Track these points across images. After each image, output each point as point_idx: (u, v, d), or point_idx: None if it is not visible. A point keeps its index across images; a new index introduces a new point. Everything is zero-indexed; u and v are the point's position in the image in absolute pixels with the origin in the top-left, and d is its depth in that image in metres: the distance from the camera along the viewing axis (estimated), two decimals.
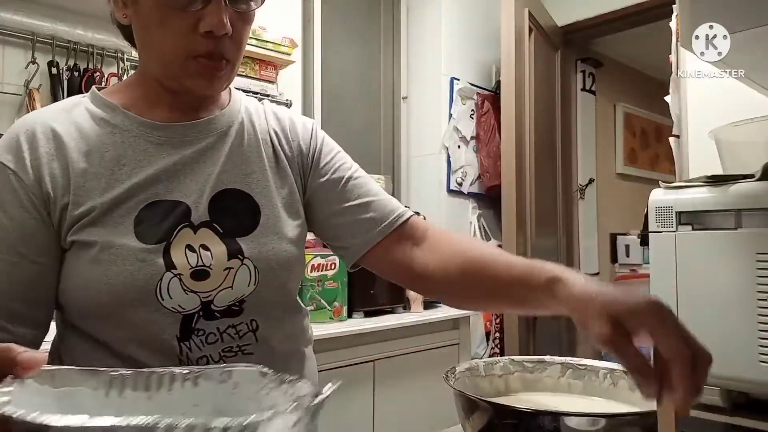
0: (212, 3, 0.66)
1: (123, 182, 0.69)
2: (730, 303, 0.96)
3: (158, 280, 0.67)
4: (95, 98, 0.75)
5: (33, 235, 0.67)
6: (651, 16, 2.80)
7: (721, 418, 0.96)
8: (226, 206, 0.73)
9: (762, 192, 0.95)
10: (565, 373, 0.74)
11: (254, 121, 0.81)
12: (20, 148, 0.68)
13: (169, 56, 0.69)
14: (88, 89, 1.86)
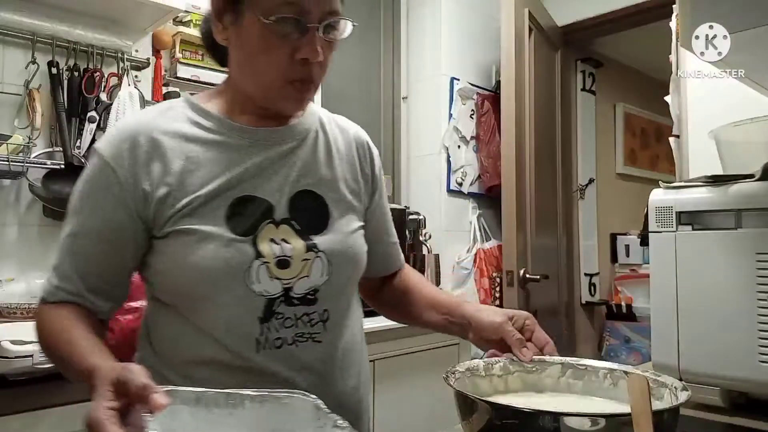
0: (308, 33, 0.75)
1: (216, 179, 0.78)
2: (730, 303, 0.96)
3: (248, 266, 0.76)
4: (190, 103, 0.84)
5: (121, 227, 0.77)
6: (651, 16, 2.80)
7: (721, 418, 0.96)
8: (302, 206, 0.82)
9: (762, 192, 0.95)
10: (565, 373, 0.74)
11: (327, 129, 0.91)
12: (121, 148, 0.77)
13: (269, 81, 0.78)
14: (89, 89, 1.89)
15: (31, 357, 1.24)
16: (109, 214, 0.77)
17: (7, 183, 1.70)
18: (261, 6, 0.74)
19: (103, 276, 0.79)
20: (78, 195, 0.79)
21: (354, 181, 0.91)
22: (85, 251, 0.78)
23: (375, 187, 0.96)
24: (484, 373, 0.76)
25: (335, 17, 0.77)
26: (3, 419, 1.25)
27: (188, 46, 2.07)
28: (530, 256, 2.56)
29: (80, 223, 0.78)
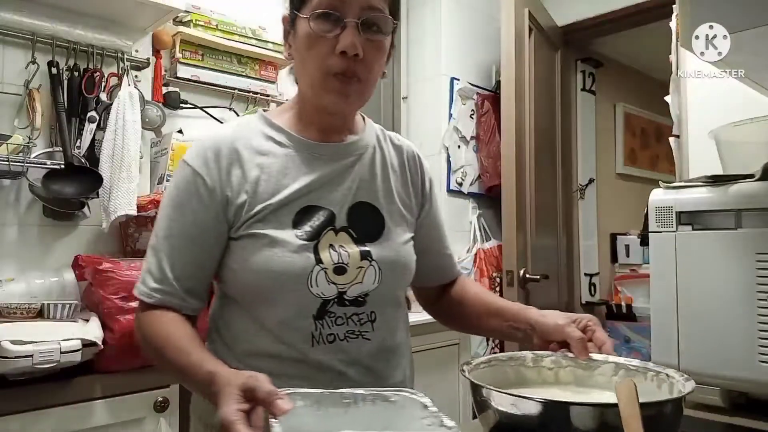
0: (347, 29, 0.81)
1: (286, 189, 0.86)
2: (730, 303, 0.96)
3: (310, 271, 0.84)
4: (263, 119, 0.93)
5: (208, 229, 0.85)
6: (651, 16, 2.80)
7: (721, 418, 0.96)
8: (359, 216, 0.90)
9: (762, 192, 0.95)
10: (617, 372, 0.75)
11: (383, 145, 0.99)
12: (207, 157, 0.85)
13: (314, 74, 0.85)
14: (89, 89, 1.88)
15: (31, 357, 1.24)
16: (200, 218, 0.84)
17: (7, 183, 1.70)
18: (306, 11, 0.83)
19: (196, 276, 0.86)
20: (170, 202, 0.86)
21: (406, 194, 0.98)
22: (180, 254, 0.85)
23: (425, 199, 1.03)
24: (532, 363, 0.79)
25: (373, 13, 0.83)
26: (3, 419, 1.25)
27: (188, 46, 2.07)
28: (530, 256, 2.56)
29: (174, 228, 0.85)
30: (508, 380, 0.79)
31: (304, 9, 0.84)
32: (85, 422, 1.37)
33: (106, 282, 1.49)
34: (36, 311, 1.47)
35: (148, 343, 0.84)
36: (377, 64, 0.86)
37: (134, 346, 1.47)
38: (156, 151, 1.96)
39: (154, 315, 0.84)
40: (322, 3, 0.82)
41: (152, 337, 0.83)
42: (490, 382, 0.72)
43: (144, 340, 0.85)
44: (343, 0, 0.81)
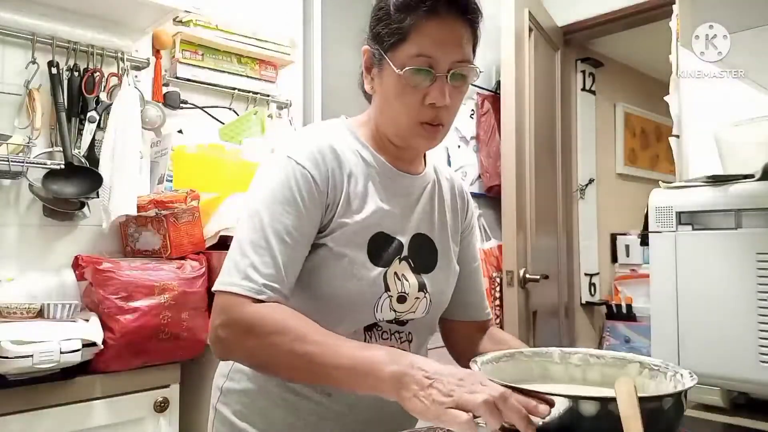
0: (437, 81, 0.84)
1: (367, 209, 0.88)
2: (730, 303, 0.96)
3: (378, 298, 0.87)
4: (350, 130, 0.94)
5: (316, 227, 0.85)
6: (651, 16, 2.80)
7: (721, 418, 0.96)
8: (418, 247, 0.93)
9: (762, 192, 0.95)
10: (641, 372, 0.74)
11: (440, 180, 1.02)
12: (317, 160, 0.85)
13: (403, 122, 0.87)
14: (89, 89, 1.88)
15: (31, 357, 1.24)
16: (313, 216, 0.84)
17: (7, 183, 1.70)
18: (397, 59, 0.84)
19: (297, 275, 0.84)
20: (278, 197, 0.83)
21: (455, 228, 1.02)
22: (293, 251, 0.82)
23: (464, 230, 1.06)
24: (560, 360, 0.80)
25: (462, 65, 0.85)
26: (3, 419, 1.26)
27: (188, 46, 2.07)
28: (530, 256, 2.56)
29: (287, 224, 0.82)
30: (532, 375, 0.79)
31: (396, 55, 0.85)
32: (85, 422, 1.38)
33: (106, 282, 1.49)
34: (36, 311, 1.47)
35: (276, 337, 0.75)
36: (457, 108, 0.90)
37: (134, 346, 1.48)
38: (156, 151, 1.96)
39: (274, 307, 0.77)
40: (417, 58, 0.83)
41: (284, 330, 0.74)
42: (510, 377, 0.73)
43: (264, 335, 0.75)
44: (438, 56, 0.83)
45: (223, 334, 0.77)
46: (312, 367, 0.73)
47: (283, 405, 0.88)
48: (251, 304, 0.77)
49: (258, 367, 0.82)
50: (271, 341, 0.75)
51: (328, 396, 0.88)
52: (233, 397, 0.92)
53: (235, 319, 0.77)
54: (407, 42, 0.84)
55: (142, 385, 1.47)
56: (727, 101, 1.63)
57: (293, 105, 2.36)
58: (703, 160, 1.77)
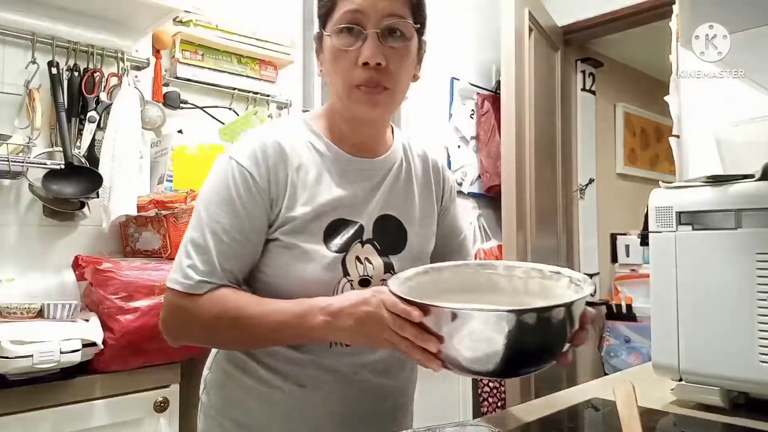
0: (368, 40, 0.82)
1: (320, 198, 0.87)
2: (730, 303, 0.96)
3: (337, 283, 0.86)
4: (305, 123, 0.93)
5: (258, 225, 0.86)
6: (651, 16, 2.80)
7: (721, 418, 0.96)
8: (384, 229, 0.92)
9: (762, 192, 0.95)
10: (570, 286, 0.77)
11: (409, 158, 1.00)
12: (257, 157, 0.85)
13: (340, 87, 0.86)
14: (89, 89, 1.88)
15: (31, 357, 1.24)
16: (254, 215, 0.85)
17: (7, 183, 1.70)
18: (330, 27, 0.85)
19: (243, 271, 0.87)
20: (216, 198, 0.85)
21: (429, 206, 1.01)
22: (232, 250, 0.84)
23: (443, 206, 1.05)
24: (504, 272, 0.82)
25: (393, 20, 0.83)
26: (3, 419, 1.26)
27: (188, 46, 2.07)
28: (530, 256, 2.56)
29: (225, 224, 0.84)
30: (479, 285, 0.82)
31: (329, 25, 0.86)
32: (85, 422, 1.38)
33: (106, 282, 1.49)
34: (36, 311, 1.47)
35: (217, 320, 0.82)
36: (403, 71, 0.86)
37: (134, 346, 1.48)
38: (156, 151, 1.96)
39: (211, 296, 0.83)
40: (342, 18, 0.83)
41: (222, 312, 0.82)
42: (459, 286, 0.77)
43: (206, 321, 0.83)
44: (363, 12, 0.82)
45: (167, 326, 0.86)
46: (256, 333, 0.82)
47: (257, 397, 0.89)
48: (188, 297, 0.83)
49: (210, 345, 0.91)
50: (212, 324, 0.83)
51: (302, 387, 0.88)
52: (213, 389, 0.95)
53: (175, 312, 0.85)
54: (336, 7, 0.84)
55: (142, 385, 1.47)
56: (727, 101, 1.63)
57: (293, 105, 2.36)
58: (703, 160, 1.77)
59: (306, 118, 0.95)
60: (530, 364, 0.66)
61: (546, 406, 1.01)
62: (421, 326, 0.68)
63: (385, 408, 0.95)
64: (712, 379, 0.99)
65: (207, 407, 0.96)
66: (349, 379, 0.89)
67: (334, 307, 0.77)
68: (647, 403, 1.00)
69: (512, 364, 0.64)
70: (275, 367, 0.89)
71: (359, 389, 0.90)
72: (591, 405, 1.03)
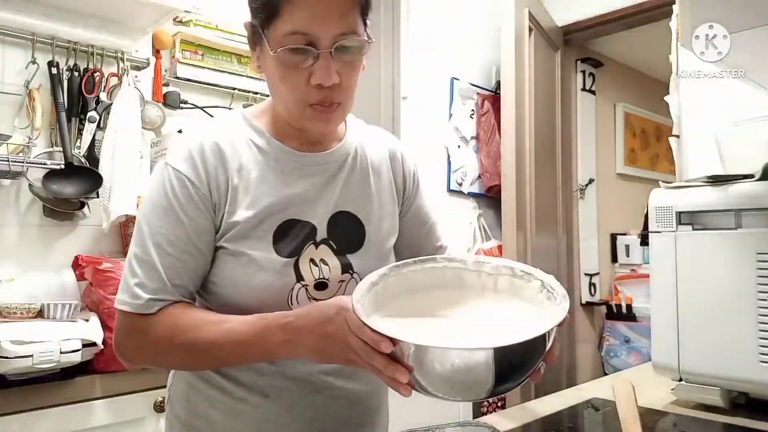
0: (320, 59, 0.75)
1: (264, 199, 0.81)
2: (730, 303, 0.96)
3: (290, 289, 0.81)
4: (245, 119, 0.87)
5: (204, 232, 0.81)
6: (651, 16, 2.80)
7: (721, 418, 0.96)
8: (339, 226, 0.86)
9: (762, 192, 0.95)
10: (542, 290, 0.72)
11: (366, 150, 0.93)
12: (194, 160, 0.80)
13: (290, 104, 0.80)
14: (89, 89, 1.88)
15: (31, 357, 1.24)
16: (198, 222, 0.80)
17: (7, 183, 1.70)
18: (272, 37, 0.76)
19: (195, 283, 0.82)
20: (157, 209, 0.80)
21: (388, 198, 0.94)
22: (180, 262, 0.79)
23: (406, 197, 0.98)
24: (473, 267, 0.78)
25: (347, 38, 0.76)
26: (3, 419, 1.26)
27: (188, 46, 2.07)
28: (530, 256, 2.56)
29: (169, 235, 0.79)
30: (447, 281, 0.77)
31: (271, 32, 0.76)
32: (85, 422, 1.38)
33: (106, 282, 1.49)
34: (36, 311, 1.47)
35: (170, 342, 0.78)
36: (354, 80, 0.81)
37: None
38: (156, 151, 1.96)
39: (163, 315, 0.78)
40: (290, 39, 0.74)
41: (175, 334, 0.77)
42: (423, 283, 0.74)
43: (159, 344, 0.78)
44: (316, 32, 0.74)
45: (121, 350, 0.81)
46: (214, 356, 0.78)
47: (221, 408, 0.84)
48: (140, 318, 0.78)
49: (167, 368, 0.84)
50: (166, 347, 0.78)
51: (266, 398, 0.83)
52: (177, 400, 0.90)
53: (128, 335, 0.80)
54: (279, 17, 0.74)
55: (142, 385, 1.47)
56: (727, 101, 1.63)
57: None
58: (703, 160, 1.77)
59: (246, 114, 0.88)
60: (504, 389, 0.63)
61: (546, 406, 1.01)
62: (391, 356, 0.62)
63: (355, 414, 0.89)
64: (712, 379, 0.99)
65: (171, 418, 0.92)
66: (315, 387, 0.84)
67: (295, 325, 0.72)
68: (647, 403, 1.00)
69: (485, 392, 0.62)
70: (238, 377, 0.84)
71: (327, 396, 0.85)
72: (591, 405, 1.03)
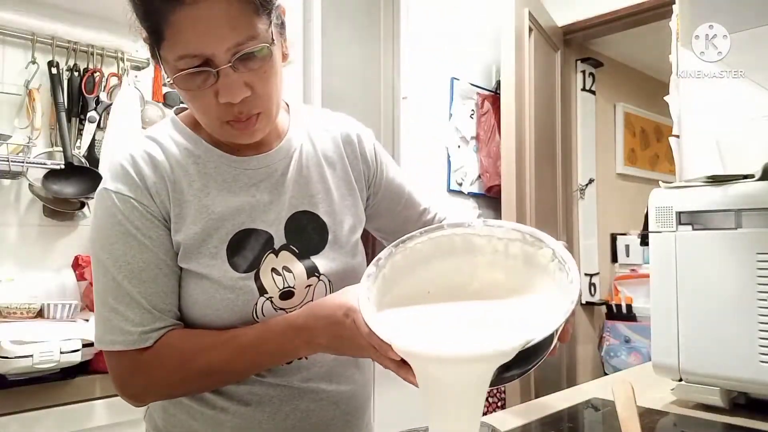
0: (221, 77, 0.68)
1: (210, 213, 0.76)
2: (730, 303, 0.96)
3: (254, 305, 0.76)
4: (177, 126, 0.80)
5: (170, 248, 0.75)
6: (651, 16, 2.80)
7: (721, 418, 0.96)
8: (298, 228, 0.80)
9: (762, 192, 0.95)
10: (553, 260, 0.69)
11: (314, 140, 0.86)
12: (131, 177, 0.74)
13: (207, 124, 0.74)
14: (89, 89, 1.87)
15: (31, 357, 1.24)
16: (159, 240, 0.74)
17: (7, 183, 1.70)
18: (165, 60, 0.70)
19: (177, 303, 0.77)
20: (112, 238, 0.73)
21: (347, 187, 0.87)
22: (153, 285, 0.74)
23: (371, 177, 0.91)
24: (483, 233, 0.73)
25: (245, 46, 0.68)
26: (3, 419, 1.25)
27: None
28: None
29: (136, 261, 0.73)
30: (455, 248, 0.73)
31: (163, 54, 0.69)
32: (85, 422, 1.37)
33: None
34: (36, 311, 1.47)
35: (184, 370, 0.74)
36: (272, 84, 0.73)
37: None
38: None
39: (163, 344, 0.73)
40: (183, 61, 0.67)
41: (186, 359, 0.73)
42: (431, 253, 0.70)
43: (172, 374, 0.74)
44: (206, 52, 0.67)
45: (129, 392, 0.76)
46: (228, 370, 0.75)
47: (202, 419, 0.79)
48: (139, 354, 0.73)
49: (181, 395, 0.79)
50: (178, 375, 0.74)
51: (247, 406, 0.78)
52: (156, 412, 0.84)
53: (131, 373, 0.74)
54: (165, 41, 0.68)
55: None
56: (727, 101, 1.63)
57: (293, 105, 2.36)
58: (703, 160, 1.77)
59: (177, 120, 0.80)
60: (520, 375, 0.62)
61: (546, 406, 1.01)
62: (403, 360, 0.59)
63: (340, 414, 0.85)
64: (712, 379, 0.99)
65: (149, 430, 0.86)
66: (298, 392, 0.80)
67: (308, 326, 0.70)
68: (647, 403, 1.00)
69: (500, 382, 0.61)
70: (222, 390, 0.79)
71: (310, 400, 0.81)
72: (591, 405, 1.03)
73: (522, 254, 0.72)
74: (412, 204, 0.97)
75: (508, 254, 0.73)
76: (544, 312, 0.61)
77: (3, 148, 1.60)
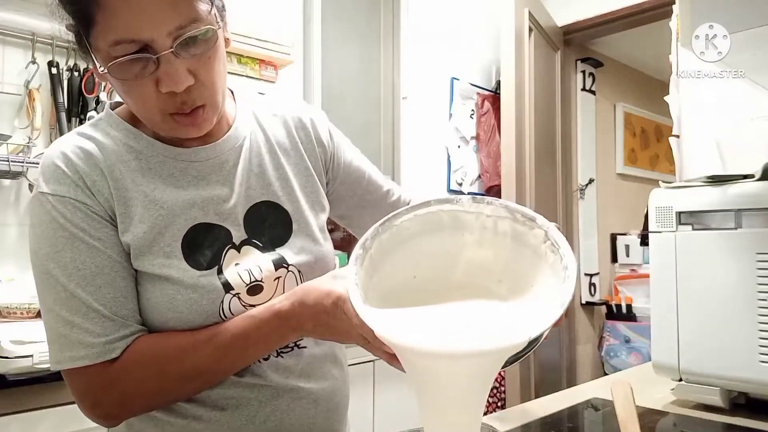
0: (162, 63, 0.62)
1: (158, 208, 0.70)
2: (730, 303, 0.96)
3: (220, 303, 0.71)
4: (113, 120, 0.74)
5: (123, 248, 0.70)
6: (651, 16, 2.80)
7: (721, 418, 0.96)
8: (259, 220, 0.76)
9: (762, 192, 0.95)
10: (545, 241, 0.66)
11: (265, 126, 0.82)
12: (66, 174, 0.68)
13: (147, 117, 0.69)
14: (89, 89, 1.86)
15: (31, 357, 1.24)
16: (109, 241, 0.69)
17: (7, 183, 1.70)
18: (97, 48, 0.64)
19: (136, 308, 0.71)
20: (56, 244, 0.67)
21: (304, 170, 0.83)
22: (109, 290, 0.68)
23: (329, 161, 0.87)
24: (471, 209, 0.69)
25: (187, 29, 0.62)
26: (3, 419, 1.26)
27: None
28: None
29: (86, 266, 0.67)
30: (443, 225, 0.70)
31: (93, 42, 0.63)
32: (85, 422, 1.36)
33: None
34: (36, 311, 1.47)
35: (162, 377, 0.69)
36: (217, 72, 0.68)
37: None
38: None
39: (132, 353, 0.67)
40: (118, 47, 0.61)
41: (165, 365, 0.68)
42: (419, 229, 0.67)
43: (147, 383, 0.69)
44: (144, 37, 0.61)
45: (103, 410, 0.69)
46: (213, 370, 0.70)
47: (171, 430, 0.73)
48: (107, 367, 0.67)
49: (164, 405, 0.72)
50: (156, 386, 0.69)
51: (222, 411, 0.73)
52: (119, 428, 0.77)
53: (103, 392, 0.68)
54: (96, 26, 0.62)
55: None
56: (727, 101, 1.63)
57: None
58: (703, 160, 1.77)
59: (113, 113, 0.74)
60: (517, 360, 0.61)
61: (546, 406, 1.01)
62: None
63: (321, 412, 0.81)
64: (712, 379, 0.99)
65: None
66: (275, 391, 0.76)
67: (295, 313, 0.67)
68: (647, 403, 1.00)
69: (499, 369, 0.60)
70: None
71: (289, 399, 0.77)
72: (591, 405, 1.03)
73: (512, 231, 0.69)
74: (375, 187, 0.93)
75: (497, 231, 0.69)
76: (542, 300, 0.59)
77: (3, 148, 1.60)
